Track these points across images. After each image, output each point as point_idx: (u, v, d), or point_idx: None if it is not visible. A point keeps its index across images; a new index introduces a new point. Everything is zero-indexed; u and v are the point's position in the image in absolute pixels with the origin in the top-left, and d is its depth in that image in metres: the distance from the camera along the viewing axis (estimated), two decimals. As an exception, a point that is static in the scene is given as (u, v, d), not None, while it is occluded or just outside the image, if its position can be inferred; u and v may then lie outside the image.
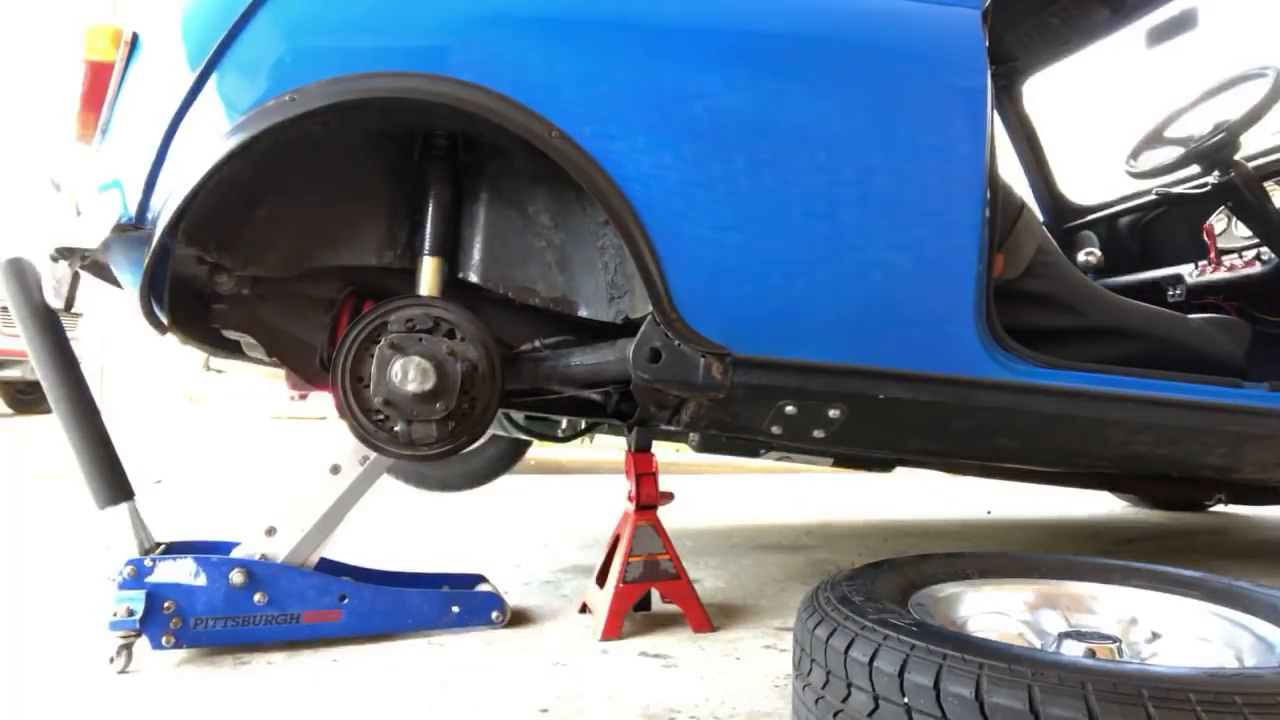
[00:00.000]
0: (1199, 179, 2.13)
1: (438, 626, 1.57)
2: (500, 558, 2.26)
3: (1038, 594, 1.13)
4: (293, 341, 1.54)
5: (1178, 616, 1.06)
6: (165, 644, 1.39)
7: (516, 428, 2.51)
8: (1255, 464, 1.66)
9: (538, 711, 1.21)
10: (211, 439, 5.62)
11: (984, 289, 1.38)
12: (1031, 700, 0.71)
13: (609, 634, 1.56)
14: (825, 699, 0.87)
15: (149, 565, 1.41)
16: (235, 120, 1.20)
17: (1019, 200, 1.76)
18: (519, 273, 1.47)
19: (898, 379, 1.36)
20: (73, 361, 1.46)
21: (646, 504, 1.66)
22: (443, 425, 1.38)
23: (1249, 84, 1.97)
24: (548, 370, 1.51)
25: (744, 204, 1.27)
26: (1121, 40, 2.36)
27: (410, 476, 2.95)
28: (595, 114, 1.23)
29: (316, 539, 1.50)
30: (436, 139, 1.43)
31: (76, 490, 1.51)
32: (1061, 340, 1.62)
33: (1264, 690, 0.71)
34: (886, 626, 0.85)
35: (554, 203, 1.45)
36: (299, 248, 1.43)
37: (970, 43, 1.37)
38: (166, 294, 1.34)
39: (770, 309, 1.31)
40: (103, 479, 1.45)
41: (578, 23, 1.26)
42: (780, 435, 1.44)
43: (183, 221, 1.27)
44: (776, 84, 1.29)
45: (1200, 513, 3.79)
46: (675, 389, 1.33)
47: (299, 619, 1.47)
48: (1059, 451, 1.65)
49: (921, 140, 1.34)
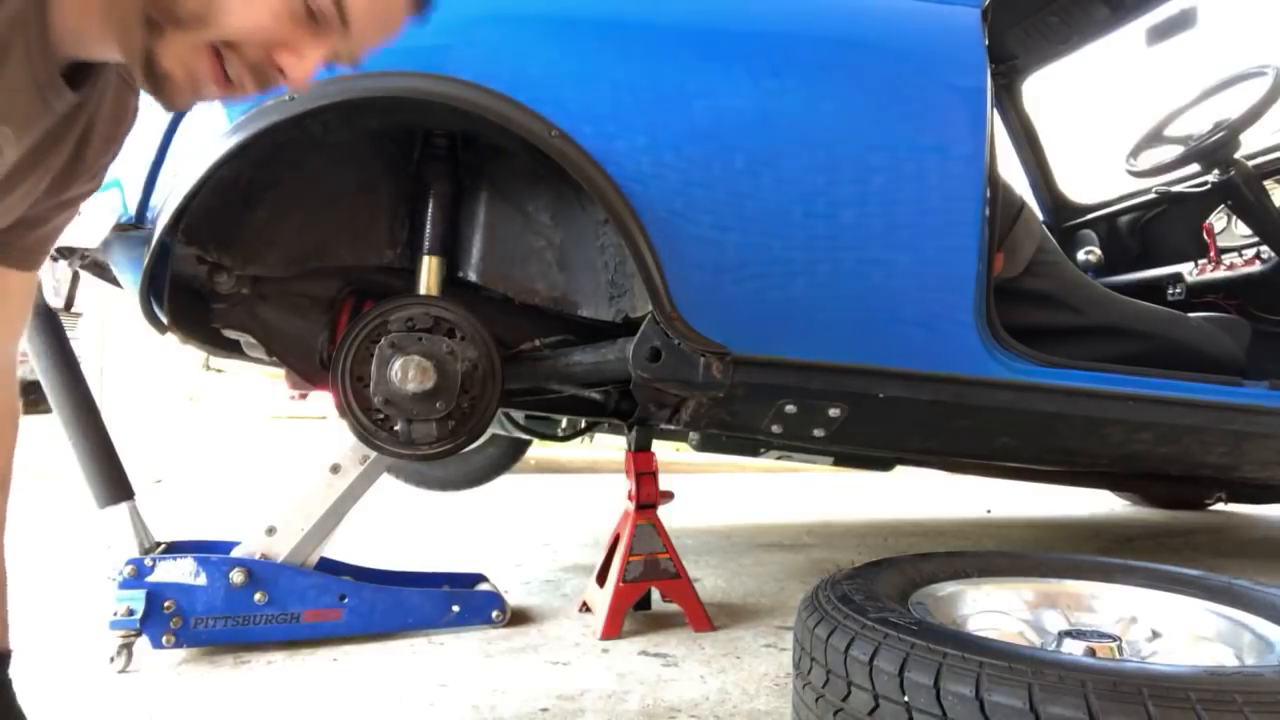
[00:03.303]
0: (1199, 178, 2.13)
1: (438, 626, 1.57)
2: (500, 557, 2.26)
3: (1038, 593, 1.13)
4: (293, 341, 1.53)
5: (1178, 615, 1.06)
6: (165, 643, 1.39)
7: (516, 427, 2.50)
8: (1255, 462, 1.67)
9: (538, 711, 1.21)
10: (211, 439, 5.61)
11: (984, 288, 1.37)
12: (1031, 699, 0.71)
13: (609, 633, 1.56)
14: (825, 698, 0.87)
15: (149, 565, 1.41)
16: (235, 120, 1.20)
17: (1019, 199, 1.76)
18: (519, 272, 1.47)
19: (897, 378, 1.36)
20: (73, 361, 1.46)
21: (646, 503, 1.66)
22: (443, 424, 1.38)
23: (1248, 83, 1.97)
24: (548, 369, 1.51)
25: (743, 203, 1.27)
26: (1121, 39, 2.36)
27: (410, 476, 2.95)
28: (595, 113, 1.23)
29: (316, 538, 1.50)
30: (436, 138, 1.43)
31: (76, 490, 1.51)
32: (1061, 339, 1.62)
33: (1264, 689, 0.71)
34: (887, 625, 0.85)
35: (554, 202, 1.45)
36: (299, 247, 1.43)
37: (970, 41, 1.37)
38: (166, 293, 1.33)
39: (770, 308, 1.31)
40: (103, 478, 1.45)
41: (577, 22, 1.26)
42: (780, 434, 1.44)
43: (182, 221, 1.27)
44: (776, 83, 1.29)
45: (1200, 511, 3.78)
46: (675, 388, 1.33)
47: (299, 618, 1.47)
48: (1059, 450, 1.65)
49: (921, 139, 1.34)
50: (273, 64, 0.72)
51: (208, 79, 0.71)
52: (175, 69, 0.69)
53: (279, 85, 0.75)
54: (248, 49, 0.71)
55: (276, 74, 0.73)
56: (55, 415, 1.45)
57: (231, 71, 0.71)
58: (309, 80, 0.75)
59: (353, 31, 0.73)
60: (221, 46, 0.70)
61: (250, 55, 0.71)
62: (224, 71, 0.71)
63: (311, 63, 0.74)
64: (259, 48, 0.71)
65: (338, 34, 0.73)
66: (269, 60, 0.72)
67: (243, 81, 0.73)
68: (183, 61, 0.69)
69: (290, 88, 0.75)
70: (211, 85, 0.72)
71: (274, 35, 0.70)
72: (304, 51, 0.72)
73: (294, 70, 0.73)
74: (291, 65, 0.73)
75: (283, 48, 0.72)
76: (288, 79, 0.73)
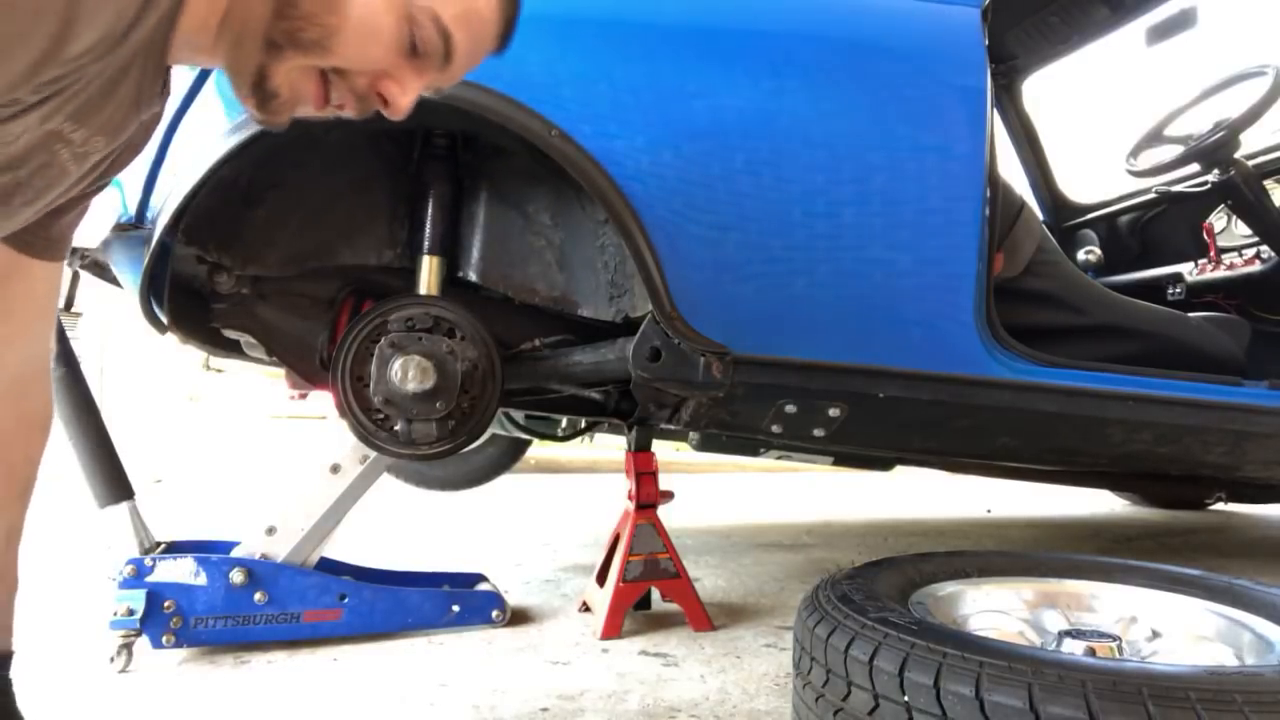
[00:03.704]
0: (1199, 177, 2.13)
1: (438, 626, 1.57)
2: (500, 557, 2.26)
3: (1038, 592, 1.13)
4: (293, 341, 1.53)
5: (1178, 615, 1.06)
6: (165, 643, 1.39)
7: (516, 427, 2.50)
8: (1255, 462, 1.66)
9: (538, 710, 1.21)
10: (211, 439, 5.61)
11: (984, 288, 1.37)
12: (1031, 699, 0.71)
13: (609, 633, 1.56)
14: (825, 698, 0.87)
15: (149, 564, 1.41)
16: (235, 119, 1.20)
17: (1019, 199, 1.76)
18: (519, 271, 1.47)
19: (897, 378, 1.36)
20: (73, 361, 1.46)
21: (646, 503, 1.66)
22: (443, 424, 1.38)
23: (1248, 82, 1.97)
24: (548, 369, 1.51)
25: (743, 202, 1.27)
26: (1121, 39, 2.36)
27: (410, 476, 2.95)
28: (595, 113, 1.23)
29: (316, 538, 1.50)
30: (436, 138, 1.43)
31: (76, 490, 1.51)
32: (1061, 339, 1.62)
33: (1264, 689, 0.71)
34: (887, 625, 0.84)
35: (554, 201, 1.45)
36: (299, 247, 1.43)
37: (970, 41, 1.37)
38: (166, 293, 1.34)
39: (770, 307, 1.31)
40: (103, 478, 1.45)
41: (577, 22, 1.26)
42: (780, 434, 1.44)
43: (182, 221, 1.27)
44: (776, 82, 1.29)
45: (1200, 511, 3.79)
46: (675, 388, 1.33)
47: (299, 618, 1.47)
48: (1059, 450, 1.65)
49: (921, 139, 1.33)
50: (375, 93, 0.75)
51: (310, 99, 0.73)
52: (283, 88, 0.71)
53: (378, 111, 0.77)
54: (357, 77, 0.73)
55: (379, 102, 0.76)
56: (55, 415, 1.44)
57: (336, 96, 0.74)
58: (408, 110, 0.77)
59: (452, 67, 0.77)
60: (331, 72, 0.72)
61: (358, 84, 0.74)
62: (327, 94, 0.73)
63: (414, 94, 0.77)
64: (367, 76, 0.73)
65: (438, 68, 0.76)
66: (373, 89, 0.74)
67: (345, 105, 0.75)
68: (291, 82, 0.71)
69: (389, 116, 0.77)
70: (311, 106, 0.74)
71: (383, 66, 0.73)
72: (407, 83, 0.75)
73: (397, 100, 0.76)
74: (395, 95, 0.75)
75: (388, 78, 0.74)
76: (390, 108, 0.76)
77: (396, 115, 0.77)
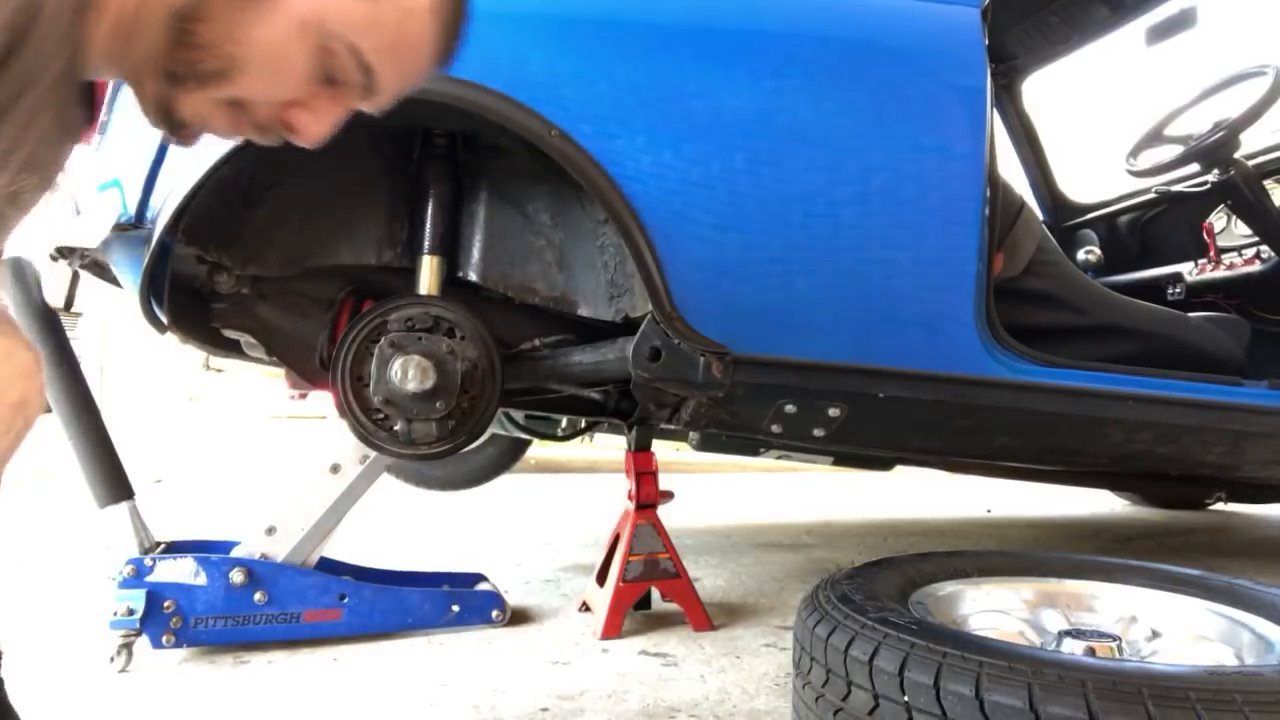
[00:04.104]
0: (1199, 177, 2.13)
1: (438, 625, 1.57)
2: (500, 557, 2.26)
3: (1037, 592, 1.13)
4: (292, 341, 1.53)
5: (1178, 615, 1.06)
6: (165, 643, 1.39)
7: (516, 427, 2.50)
8: (1255, 462, 1.66)
9: (538, 710, 1.21)
10: (211, 439, 5.61)
11: (984, 287, 1.37)
12: (1031, 698, 0.71)
13: (609, 633, 1.56)
14: (825, 697, 0.87)
15: (149, 564, 1.41)
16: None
17: (1018, 199, 1.76)
18: (519, 271, 1.47)
19: (897, 377, 1.36)
20: (73, 361, 1.46)
21: (646, 503, 1.66)
22: (443, 424, 1.38)
23: (1248, 82, 1.97)
24: (547, 369, 1.51)
25: (743, 202, 1.27)
26: (1121, 38, 2.36)
27: (410, 476, 2.95)
28: (595, 113, 1.23)
29: (316, 538, 1.50)
30: (436, 138, 1.43)
31: (76, 490, 1.51)
32: (1061, 339, 1.62)
33: (1264, 689, 0.71)
34: (886, 625, 0.84)
35: (554, 201, 1.45)
36: (298, 247, 1.43)
37: (970, 41, 1.37)
38: (166, 293, 1.34)
39: (770, 307, 1.31)
40: (103, 478, 1.44)
41: (577, 21, 1.26)
42: (780, 434, 1.44)
43: (182, 221, 1.27)
44: (776, 82, 1.29)
45: (1200, 511, 3.79)
46: (675, 388, 1.33)
47: (299, 618, 1.47)
48: (1059, 450, 1.65)
49: (921, 139, 1.33)
50: (284, 122, 0.71)
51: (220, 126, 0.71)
52: (191, 119, 0.69)
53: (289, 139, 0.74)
54: (260, 108, 0.70)
55: (287, 132, 0.72)
56: (55, 415, 1.45)
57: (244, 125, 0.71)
58: (322, 139, 0.74)
59: (378, 96, 0.73)
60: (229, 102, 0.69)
61: (262, 114, 0.70)
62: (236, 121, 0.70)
63: (327, 123, 0.73)
64: (275, 106, 0.70)
65: (360, 96, 0.72)
66: (281, 118, 0.71)
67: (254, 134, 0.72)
68: (198, 113, 0.68)
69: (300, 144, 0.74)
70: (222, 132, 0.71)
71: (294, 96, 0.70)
72: (320, 111, 0.72)
73: (308, 130, 0.72)
74: (305, 124, 0.72)
75: (298, 107, 0.71)
76: (300, 137, 0.73)
77: (309, 143, 0.73)
